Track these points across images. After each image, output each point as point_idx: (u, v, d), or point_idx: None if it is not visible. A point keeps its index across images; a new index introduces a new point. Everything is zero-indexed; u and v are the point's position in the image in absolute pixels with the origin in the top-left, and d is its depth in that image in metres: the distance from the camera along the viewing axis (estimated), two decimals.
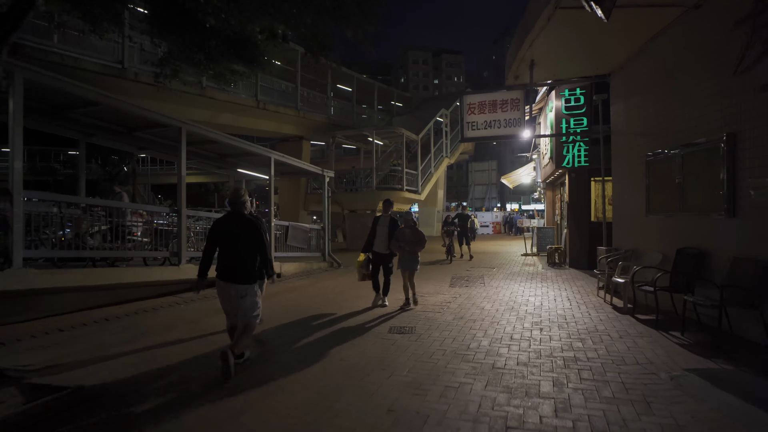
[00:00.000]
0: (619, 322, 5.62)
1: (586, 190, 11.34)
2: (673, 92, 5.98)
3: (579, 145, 10.93)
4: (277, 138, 21.79)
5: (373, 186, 19.53)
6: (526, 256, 14.96)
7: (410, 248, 6.62)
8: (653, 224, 6.51)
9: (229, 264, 3.96)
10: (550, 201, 16.10)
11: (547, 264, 12.36)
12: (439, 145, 25.09)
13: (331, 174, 13.92)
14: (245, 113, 16.55)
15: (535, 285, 8.86)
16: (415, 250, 6.67)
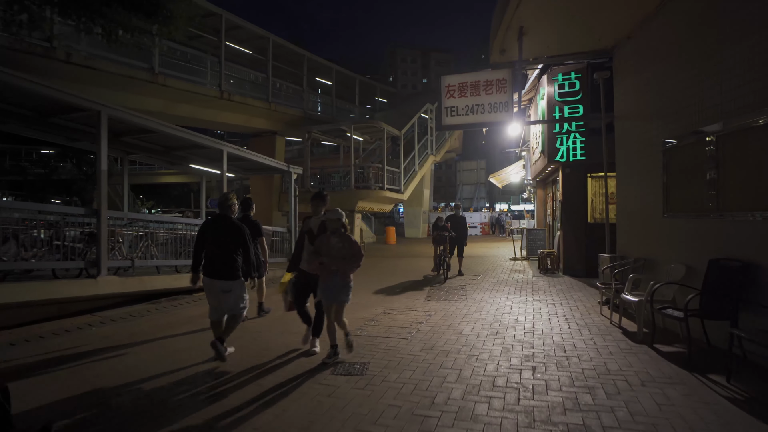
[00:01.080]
0: (635, 356, 4.27)
1: (582, 187, 10.07)
2: (706, 55, 4.64)
3: (574, 136, 9.65)
4: (248, 133, 20.26)
5: (351, 185, 18.12)
6: (515, 260, 13.67)
7: (338, 268, 4.23)
8: (673, 228, 5.19)
9: (214, 262, 4.39)
10: (541, 200, 14.85)
11: (538, 270, 11.07)
12: (423, 141, 23.77)
13: (299, 170, 12.49)
14: (207, 104, 15.04)
15: (525, 298, 7.53)
16: (345, 270, 4.26)
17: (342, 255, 4.25)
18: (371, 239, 24.86)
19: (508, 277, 10.10)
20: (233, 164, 11.63)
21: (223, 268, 4.38)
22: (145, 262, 8.17)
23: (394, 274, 11.10)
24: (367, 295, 8.12)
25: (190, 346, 4.95)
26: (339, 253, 4.24)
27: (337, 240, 4.26)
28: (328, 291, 4.31)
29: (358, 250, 4.27)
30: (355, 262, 4.27)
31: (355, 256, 4.27)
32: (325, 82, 23.07)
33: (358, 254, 4.27)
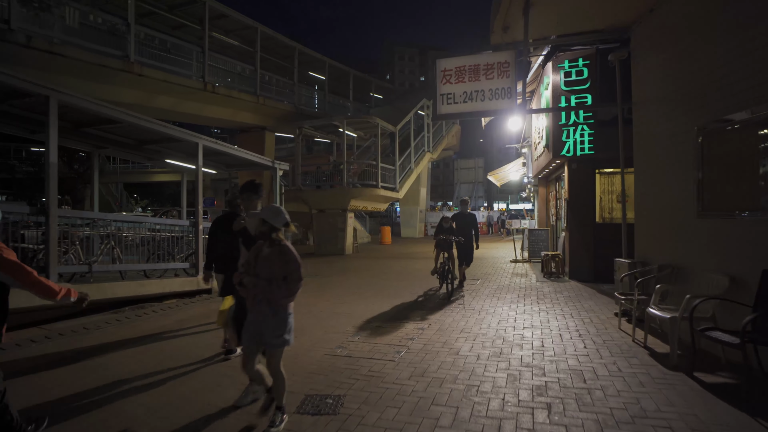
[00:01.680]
0: (674, 390, 3.46)
1: (590, 184, 9.27)
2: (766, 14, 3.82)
3: (582, 128, 8.84)
4: (235, 128, 19.39)
5: (344, 182, 17.27)
6: (515, 262, 12.87)
7: (263, 294, 2.92)
8: (712, 230, 4.37)
9: (226, 258, 4.45)
10: (543, 199, 14.06)
11: (541, 274, 10.27)
12: (420, 138, 22.92)
13: (285, 167, 11.64)
14: (189, 96, 14.16)
15: (530, 308, 6.72)
16: (274, 299, 2.91)
17: (271, 275, 2.90)
18: (366, 239, 24.03)
19: (510, 282, 9.29)
20: (213, 159, 10.79)
21: (234, 264, 4.13)
22: (106, 267, 7.32)
23: (386, 277, 10.28)
24: (353, 303, 7.30)
25: (131, 368, 4.12)
26: (267, 273, 2.91)
27: (269, 252, 2.95)
28: (252, 327, 3.00)
29: (296, 270, 2.89)
30: (287, 288, 2.90)
31: (290, 279, 2.89)
32: (318, 77, 22.20)
33: (293, 276, 2.88)
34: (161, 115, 13.81)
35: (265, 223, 2.92)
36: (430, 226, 29.22)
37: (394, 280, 9.87)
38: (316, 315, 6.53)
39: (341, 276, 10.81)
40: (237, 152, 9.91)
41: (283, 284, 2.90)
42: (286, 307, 2.99)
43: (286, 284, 2.90)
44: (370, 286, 9.12)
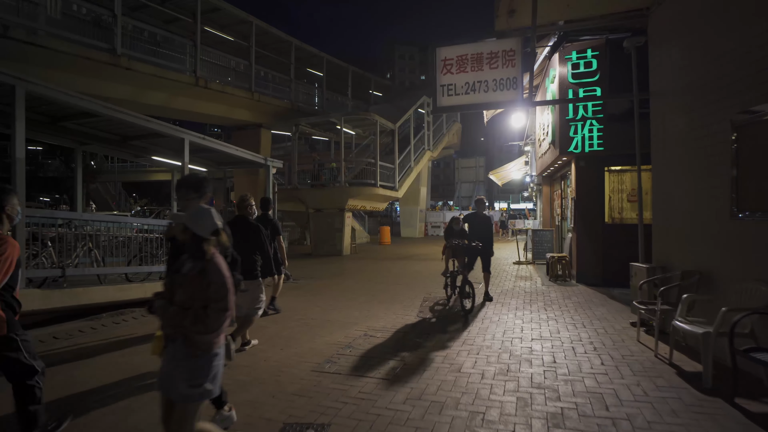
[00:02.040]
0: (715, 422, 2.95)
1: (599, 183, 8.77)
2: None
3: (590, 123, 8.34)
4: (231, 126, 18.90)
5: (342, 181, 16.78)
6: (519, 264, 12.37)
7: (176, 327, 2.14)
8: (751, 233, 3.84)
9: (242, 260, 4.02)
10: (548, 198, 13.56)
11: (547, 277, 9.78)
12: (420, 136, 22.42)
13: (278, 164, 11.16)
14: (181, 92, 13.66)
15: (537, 315, 6.23)
16: (190, 334, 2.11)
17: (188, 301, 2.12)
18: (365, 239, 23.56)
19: (514, 286, 8.79)
20: (202, 156, 10.31)
21: (246, 266, 4.21)
22: (82, 271, 6.83)
23: (384, 280, 9.79)
24: (347, 309, 6.81)
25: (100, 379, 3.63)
26: (183, 297, 2.15)
27: (189, 269, 2.18)
28: (163, 370, 2.22)
29: (220, 299, 2.08)
30: (205, 322, 2.07)
31: (211, 309, 2.07)
32: (316, 73, 21.69)
33: (216, 305, 2.07)
34: (152, 111, 13.32)
35: (186, 230, 2.19)
36: (431, 225, 28.74)
37: (392, 284, 9.37)
38: (306, 323, 6.05)
39: (337, 279, 10.32)
40: (226, 148, 9.42)
41: (203, 314, 2.07)
42: (209, 346, 2.14)
43: (209, 315, 2.06)
44: (366, 290, 8.63)
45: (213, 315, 2.07)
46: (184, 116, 15.57)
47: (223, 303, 2.09)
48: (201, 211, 2.23)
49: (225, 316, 2.11)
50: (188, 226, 2.18)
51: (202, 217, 2.19)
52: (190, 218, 2.21)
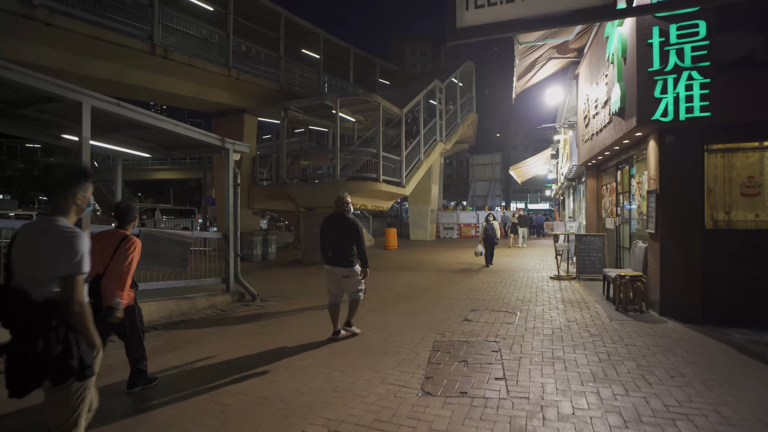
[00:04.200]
0: None
1: (696, 167, 5.91)
2: None
3: (689, 76, 5.48)
4: (211, 112, 16.33)
5: (336, 176, 14.08)
6: (558, 280, 9.51)
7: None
8: None
9: (335, 253, 5.06)
10: (593, 194, 10.64)
11: (607, 301, 6.94)
12: (431, 126, 19.62)
13: (244, 149, 8.48)
14: (136, 63, 11.10)
15: (620, 388, 3.43)
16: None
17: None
18: (369, 243, 20.81)
19: (568, 321, 5.95)
20: (133, 135, 7.71)
21: (343, 258, 5.03)
22: None
23: (379, 306, 7.04)
24: (306, 372, 4.07)
25: None
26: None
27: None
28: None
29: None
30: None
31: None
32: (312, 55, 19.03)
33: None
34: (100, 86, 10.78)
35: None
36: (443, 227, 25.90)
37: (390, 312, 6.62)
38: (230, 400, 3.36)
39: (316, 299, 7.61)
40: (160, 122, 6.75)
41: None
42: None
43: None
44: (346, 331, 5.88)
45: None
46: (143, 95, 13.01)
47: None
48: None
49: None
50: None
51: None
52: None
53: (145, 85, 12.04)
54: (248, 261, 14.50)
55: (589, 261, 9.30)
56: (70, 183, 2.07)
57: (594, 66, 8.45)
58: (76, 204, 2.10)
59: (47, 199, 2.10)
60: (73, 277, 1.92)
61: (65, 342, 1.92)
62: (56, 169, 2.11)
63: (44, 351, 1.86)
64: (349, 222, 5.10)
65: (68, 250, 1.93)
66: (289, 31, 16.78)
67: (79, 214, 2.14)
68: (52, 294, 1.92)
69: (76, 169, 2.12)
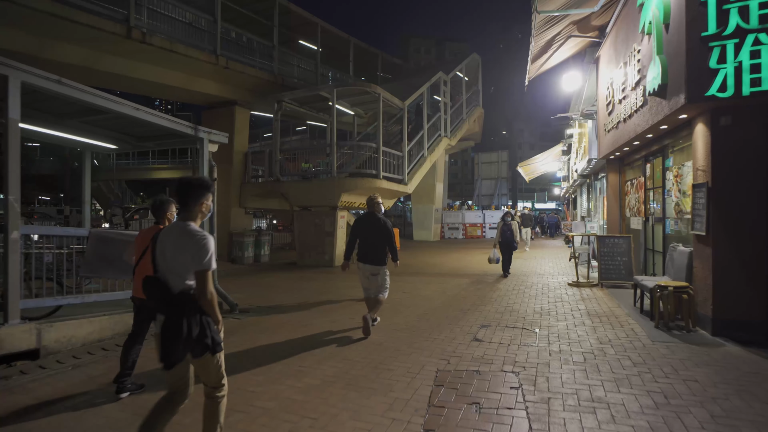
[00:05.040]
0: None
1: (759, 152, 4.83)
2: None
3: (756, 40, 4.40)
4: (201, 104, 15.34)
5: (333, 172, 13.06)
6: (578, 287, 8.44)
7: None
8: None
9: (366, 250, 5.37)
10: (616, 190, 9.54)
11: (645, 318, 5.87)
12: (435, 120, 18.57)
13: (222, 138, 7.48)
14: (110, 48, 10.11)
15: None
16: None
17: None
18: None
19: (597, 342, 4.89)
20: (93, 123, 6.73)
21: (374, 255, 5.32)
22: None
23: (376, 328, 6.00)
24: (274, 426, 3.05)
25: None
26: None
27: None
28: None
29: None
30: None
31: None
32: (310, 46, 18.01)
33: None
34: (71, 73, 9.82)
35: None
36: (448, 227, 24.83)
37: (385, 329, 5.58)
38: None
39: (302, 315, 6.58)
40: (116, 106, 5.73)
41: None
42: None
43: None
44: (335, 351, 4.87)
45: None
46: (123, 84, 12.02)
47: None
48: None
49: None
50: None
51: None
52: None
53: (124, 72, 11.06)
54: (239, 264, 13.54)
55: (613, 266, 8.23)
56: (203, 194, 2.45)
57: (621, 43, 7.37)
58: (202, 211, 2.48)
59: (181, 208, 2.45)
60: (205, 272, 2.30)
61: (201, 325, 2.31)
62: (190, 183, 2.45)
63: (188, 333, 2.26)
64: (381, 222, 5.42)
65: (202, 251, 2.31)
66: (284, 21, 15.78)
67: (203, 218, 2.52)
68: (187, 285, 2.34)
69: (204, 182, 2.48)
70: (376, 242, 5.35)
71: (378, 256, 5.34)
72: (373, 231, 5.38)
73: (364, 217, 5.57)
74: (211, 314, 2.36)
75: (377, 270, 5.36)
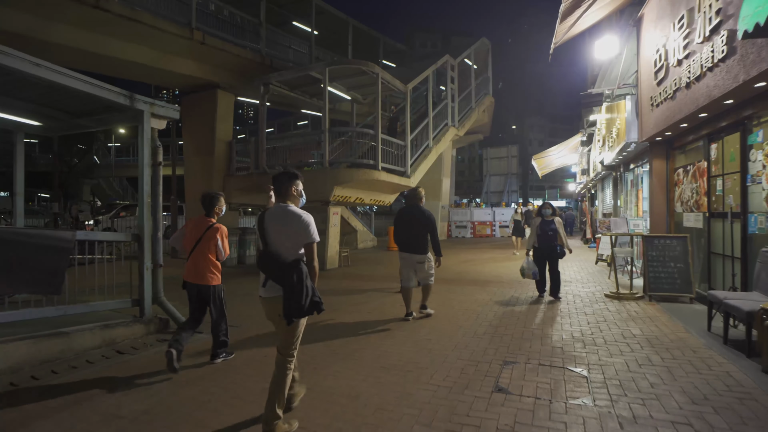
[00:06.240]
0: None
1: None
2: None
3: None
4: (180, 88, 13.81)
5: (325, 162, 11.45)
6: (619, 299, 6.75)
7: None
8: None
9: (409, 240, 5.62)
10: (662, 180, 7.79)
11: (725, 348, 4.20)
12: (441, 108, 16.89)
13: (171, 114, 5.91)
14: (61, 16, 8.55)
15: None
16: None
17: None
18: (371, 243, 18.20)
19: (683, 396, 3.22)
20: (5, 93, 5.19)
21: (418, 245, 5.58)
22: None
23: (356, 354, 4.37)
24: None
25: None
26: None
27: None
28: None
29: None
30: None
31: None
32: (304, 28, 16.40)
33: None
34: (16, 44, 8.27)
35: None
36: (455, 225, 23.13)
37: (369, 365, 3.96)
38: None
39: (249, 347, 4.99)
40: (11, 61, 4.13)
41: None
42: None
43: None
44: (305, 406, 3.24)
45: None
46: (79, 60, 10.31)
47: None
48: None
49: None
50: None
51: None
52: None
53: (81, 46, 9.52)
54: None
55: (665, 274, 6.55)
56: (292, 181, 2.96)
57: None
58: (293, 195, 2.97)
59: (277, 194, 2.97)
60: (312, 244, 2.83)
61: (310, 288, 2.77)
62: (280, 174, 2.98)
63: (305, 295, 2.72)
64: (425, 213, 5.63)
65: (307, 226, 2.81)
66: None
67: (298, 202, 3.02)
68: (298, 255, 2.82)
69: (291, 172, 2.99)
70: (419, 233, 5.59)
71: (420, 246, 5.59)
72: (416, 222, 5.58)
73: (407, 209, 5.79)
74: (314, 279, 2.82)
75: (422, 259, 5.61)
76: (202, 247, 4.03)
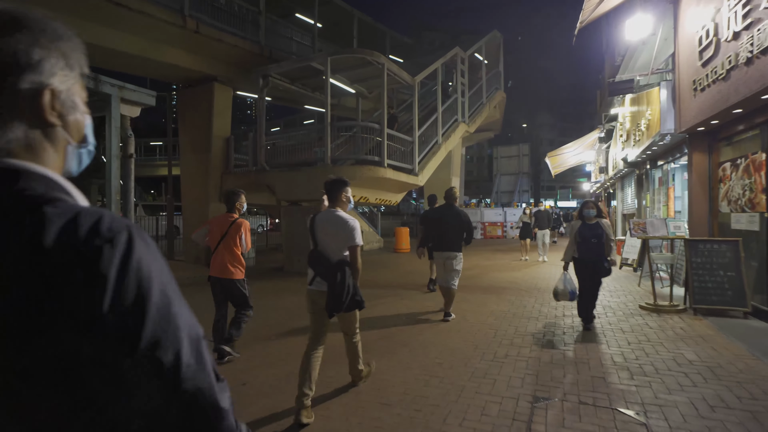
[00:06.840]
0: None
1: None
2: None
3: None
4: (176, 81, 13.15)
5: (326, 159, 10.68)
6: (658, 312, 5.87)
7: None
8: None
9: (443, 239, 5.73)
10: (704, 177, 6.86)
11: None
12: (451, 102, 16.06)
13: (145, 99, 5.17)
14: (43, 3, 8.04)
15: None
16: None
17: None
18: (377, 244, 17.42)
19: None
20: None
21: (451, 243, 5.67)
22: None
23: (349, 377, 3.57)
24: None
25: None
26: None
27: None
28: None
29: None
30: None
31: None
32: (307, 21, 15.68)
33: None
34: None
35: None
36: None
37: (368, 407, 3.15)
38: None
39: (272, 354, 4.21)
40: None
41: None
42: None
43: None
44: None
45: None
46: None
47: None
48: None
49: None
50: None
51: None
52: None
53: None
54: None
55: (714, 283, 5.66)
56: (341, 187, 3.30)
57: None
58: (342, 200, 3.30)
59: (329, 199, 3.32)
60: (356, 247, 3.16)
61: (351, 287, 3.12)
62: (332, 181, 3.32)
63: (346, 293, 3.07)
64: (460, 213, 5.81)
65: (352, 231, 3.14)
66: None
67: (345, 207, 3.32)
68: (342, 256, 3.15)
69: (341, 180, 3.33)
70: (454, 231, 5.67)
71: (455, 244, 5.66)
72: (451, 220, 5.69)
73: (442, 208, 5.94)
74: (357, 279, 3.20)
75: (454, 255, 5.63)
76: (227, 241, 4.18)
